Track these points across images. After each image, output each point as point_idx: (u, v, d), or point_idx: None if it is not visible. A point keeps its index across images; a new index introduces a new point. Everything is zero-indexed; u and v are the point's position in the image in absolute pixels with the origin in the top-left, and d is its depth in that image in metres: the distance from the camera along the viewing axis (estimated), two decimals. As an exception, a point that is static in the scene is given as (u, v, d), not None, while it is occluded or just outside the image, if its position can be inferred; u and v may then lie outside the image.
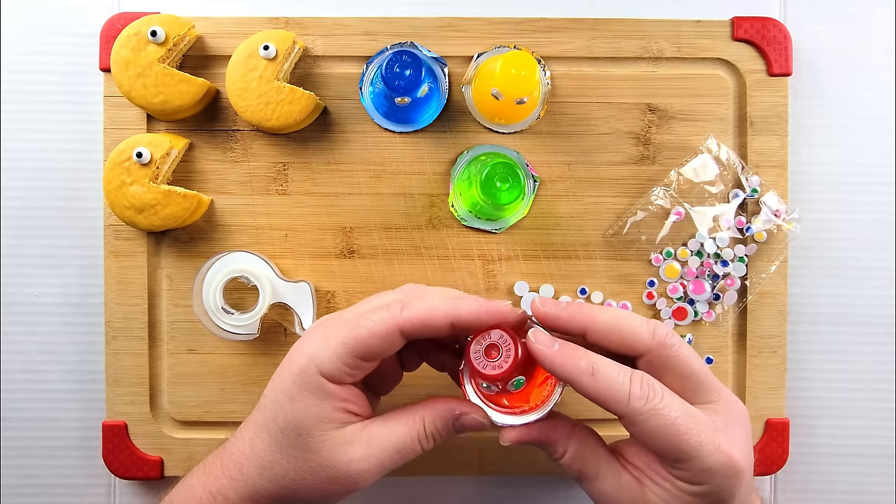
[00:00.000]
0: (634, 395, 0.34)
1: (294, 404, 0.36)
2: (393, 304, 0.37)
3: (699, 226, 0.50)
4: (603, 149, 0.50)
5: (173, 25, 0.46)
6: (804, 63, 0.51)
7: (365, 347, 0.36)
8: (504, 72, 0.44)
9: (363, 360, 0.36)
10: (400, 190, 0.50)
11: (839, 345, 0.52)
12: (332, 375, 0.36)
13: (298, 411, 0.36)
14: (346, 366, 0.36)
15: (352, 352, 0.36)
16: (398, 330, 0.36)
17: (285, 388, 0.37)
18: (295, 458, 0.36)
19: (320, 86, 0.49)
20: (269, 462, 0.37)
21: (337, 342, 0.36)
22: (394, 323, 0.36)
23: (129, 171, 0.46)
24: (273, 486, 0.37)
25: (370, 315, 0.36)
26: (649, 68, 0.50)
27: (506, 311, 0.36)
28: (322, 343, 0.36)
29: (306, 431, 0.36)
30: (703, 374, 0.36)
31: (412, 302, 0.37)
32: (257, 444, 0.37)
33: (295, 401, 0.36)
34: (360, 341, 0.36)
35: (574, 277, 0.50)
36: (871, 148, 0.52)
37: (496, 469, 0.50)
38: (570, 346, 0.35)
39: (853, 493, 0.52)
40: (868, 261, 0.52)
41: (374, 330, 0.36)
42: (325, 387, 0.36)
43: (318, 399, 0.36)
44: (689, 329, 0.50)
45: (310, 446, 0.36)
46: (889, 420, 0.52)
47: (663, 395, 0.34)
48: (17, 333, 0.51)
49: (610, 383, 0.34)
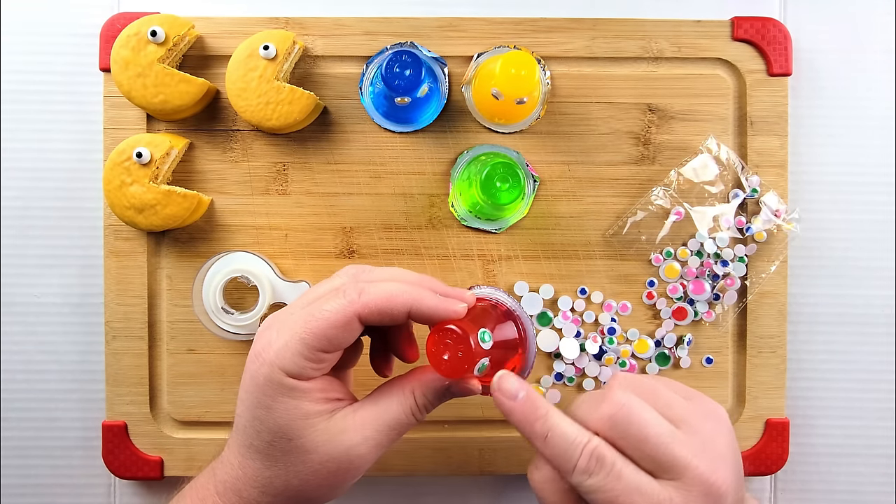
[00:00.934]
0: (579, 468, 0.33)
1: (273, 413, 0.35)
2: (347, 288, 0.36)
3: (699, 226, 0.50)
4: (603, 149, 0.50)
5: (173, 25, 0.46)
6: (804, 63, 0.51)
7: (325, 340, 0.35)
8: (504, 72, 0.44)
9: (325, 352, 0.35)
10: (400, 190, 0.50)
11: (839, 345, 0.52)
12: (300, 374, 0.35)
13: (280, 418, 0.35)
14: (310, 362, 0.35)
15: (313, 347, 0.35)
16: (356, 317, 0.35)
17: (259, 402, 0.36)
18: (293, 464, 0.36)
19: (320, 86, 0.49)
20: (268, 478, 0.36)
21: (295, 340, 0.35)
22: (352, 310, 0.35)
23: (129, 171, 0.46)
24: (280, 499, 0.36)
25: (324, 304, 0.35)
26: (649, 68, 0.50)
27: (462, 310, 0.36)
28: (280, 345, 0.35)
29: (296, 434, 0.35)
30: (658, 452, 0.33)
31: (369, 287, 0.35)
32: (249, 466, 0.37)
33: (273, 410, 0.35)
34: (319, 334, 0.35)
35: (574, 277, 0.50)
36: (870, 148, 0.52)
37: (496, 469, 0.50)
38: (531, 402, 0.35)
39: (853, 493, 0.52)
40: (868, 261, 0.52)
41: (332, 320, 0.35)
42: (298, 386, 0.35)
43: (296, 399, 0.35)
44: (689, 329, 0.50)
45: (305, 447, 0.35)
46: (889, 420, 0.52)
47: (612, 469, 0.33)
48: (17, 333, 0.51)
49: (559, 453, 0.34)
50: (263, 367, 0.35)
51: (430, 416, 0.49)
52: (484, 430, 0.50)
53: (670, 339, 0.50)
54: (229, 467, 0.37)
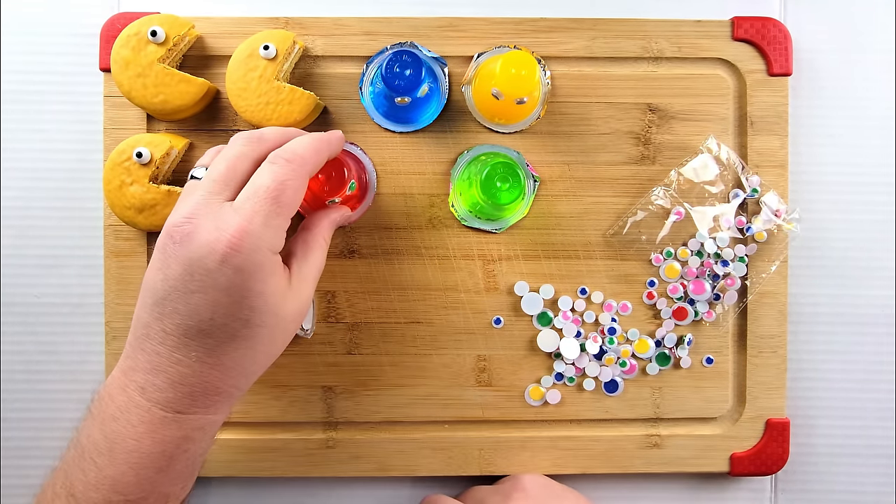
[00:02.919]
0: None
1: (261, 297, 0.37)
2: (280, 159, 0.38)
3: (699, 226, 0.50)
4: (603, 149, 0.50)
5: (173, 25, 0.46)
6: (804, 63, 0.51)
7: (294, 207, 0.38)
8: (504, 72, 0.44)
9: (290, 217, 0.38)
10: (400, 190, 0.50)
11: (839, 345, 0.52)
12: (280, 248, 0.38)
13: (270, 297, 0.37)
14: (285, 233, 0.38)
15: (288, 217, 0.38)
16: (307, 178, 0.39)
17: (240, 290, 0.36)
18: (266, 339, 0.38)
19: (320, 86, 0.49)
20: (226, 365, 0.37)
21: (276, 217, 0.37)
22: (304, 172, 0.39)
23: (129, 171, 0.46)
24: (242, 383, 0.39)
25: (279, 177, 0.37)
26: (649, 68, 0.50)
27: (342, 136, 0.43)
28: (258, 227, 0.36)
29: (279, 307, 0.37)
30: None
31: (297, 151, 0.39)
32: (197, 364, 0.37)
33: (262, 293, 0.37)
34: (292, 204, 0.38)
35: (574, 277, 0.50)
36: (870, 148, 0.52)
37: (496, 469, 0.50)
38: None
39: (853, 493, 0.52)
40: (868, 261, 0.52)
41: (297, 186, 0.38)
42: (280, 261, 0.38)
43: (278, 274, 0.38)
44: (690, 329, 0.50)
45: (284, 316, 0.38)
46: (889, 420, 0.52)
47: None
48: (17, 333, 0.51)
49: None
50: (254, 253, 0.36)
51: (430, 416, 0.50)
52: (484, 430, 0.50)
53: (671, 339, 0.50)
54: (159, 387, 0.37)
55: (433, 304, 0.49)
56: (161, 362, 0.36)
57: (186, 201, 0.38)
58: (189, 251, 0.36)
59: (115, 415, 0.37)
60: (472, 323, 0.50)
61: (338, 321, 0.49)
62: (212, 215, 0.36)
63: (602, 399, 0.50)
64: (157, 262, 0.37)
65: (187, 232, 0.36)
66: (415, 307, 0.49)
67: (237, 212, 0.36)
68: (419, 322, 0.49)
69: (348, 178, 0.45)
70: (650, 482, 0.52)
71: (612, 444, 0.50)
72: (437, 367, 0.50)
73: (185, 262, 0.36)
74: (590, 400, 0.50)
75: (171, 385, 0.36)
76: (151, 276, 0.37)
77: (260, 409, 0.49)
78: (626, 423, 0.50)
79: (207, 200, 0.37)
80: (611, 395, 0.50)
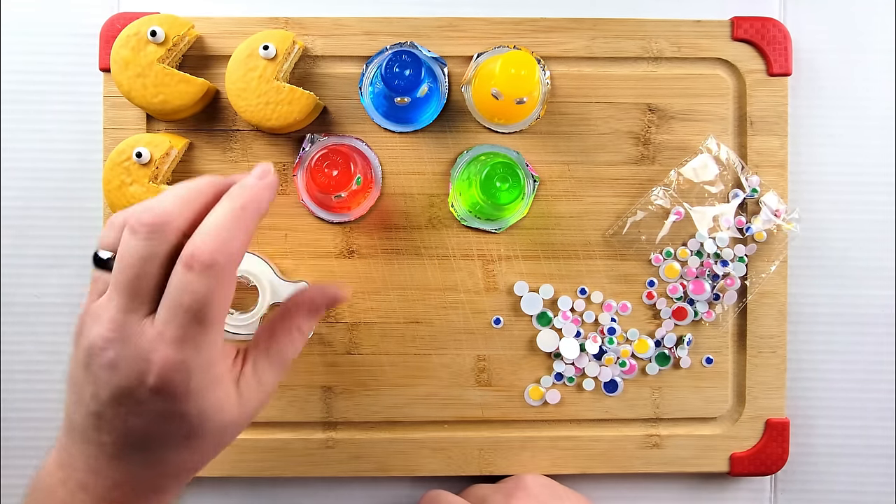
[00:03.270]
0: None
1: (189, 405, 0.33)
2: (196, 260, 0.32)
3: (699, 226, 0.50)
4: (603, 149, 0.50)
5: (173, 25, 0.46)
6: (804, 63, 0.51)
7: (224, 313, 0.33)
8: (504, 72, 0.44)
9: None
10: (400, 190, 0.50)
11: (839, 345, 0.52)
12: (211, 361, 0.33)
13: (194, 408, 0.33)
14: (218, 343, 0.34)
15: (218, 327, 0.33)
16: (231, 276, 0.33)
17: (167, 399, 0.33)
18: (196, 447, 0.34)
19: (320, 86, 0.49)
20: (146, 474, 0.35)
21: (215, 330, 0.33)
22: (225, 275, 0.33)
23: (129, 171, 0.46)
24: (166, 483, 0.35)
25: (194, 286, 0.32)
26: (649, 68, 0.50)
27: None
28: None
29: (209, 416, 0.34)
30: None
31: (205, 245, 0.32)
32: (113, 467, 0.34)
33: (188, 401, 0.33)
34: (219, 317, 0.33)
35: (574, 277, 0.50)
36: (870, 148, 0.52)
37: (496, 469, 0.50)
38: None
39: (853, 494, 0.52)
40: (868, 261, 0.52)
41: (224, 293, 0.33)
42: (221, 368, 0.34)
43: (218, 383, 0.34)
44: (689, 329, 0.50)
45: (218, 424, 0.34)
46: (889, 420, 0.52)
47: None
48: (17, 333, 0.51)
49: None
50: (186, 380, 0.32)
51: (430, 416, 0.50)
52: (484, 430, 0.50)
53: (670, 339, 0.50)
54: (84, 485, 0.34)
55: (433, 304, 0.49)
56: (101, 466, 0.34)
57: (101, 315, 0.33)
58: (116, 380, 0.32)
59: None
60: (472, 323, 0.50)
61: (337, 321, 0.49)
62: (132, 341, 0.32)
63: (602, 399, 0.50)
64: (82, 373, 0.34)
65: (110, 360, 0.32)
66: (414, 307, 0.49)
67: (160, 337, 0.32)
68: (419, 322, 0.49)
69: (354, 173, 0.45)
70: (650, 482, 0.52)
71: (612, 444, 0.50)
72: (437, 367, 0.50)
73: (114, 391, 0.33)
74: (589, 400, 0.50)
75: (115, 485, 0.34)
76: (80, 387, 0.34)
77: (260, 408, 0.49)
78: (625, 423, 0.50)
79: (123, 320, 0.33)
80: (610, 395, 0.50)
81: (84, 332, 0.34)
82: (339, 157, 0.45)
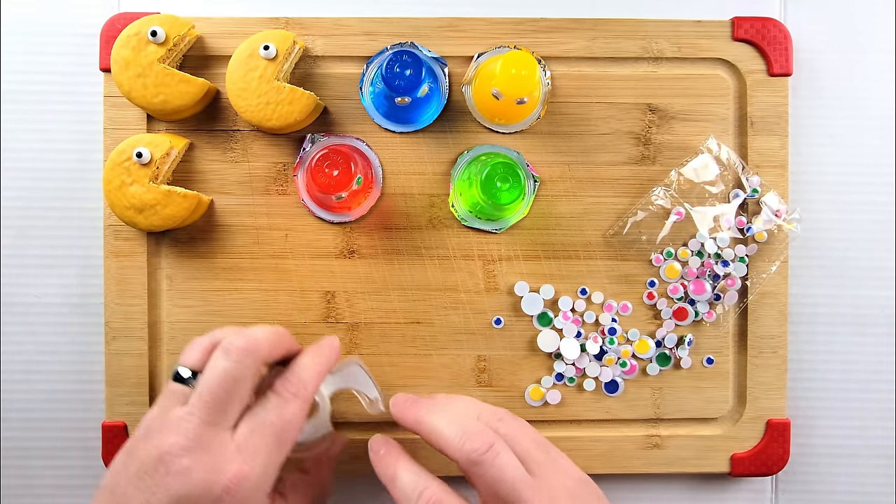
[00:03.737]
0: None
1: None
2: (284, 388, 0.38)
3: (700, 226, 0.50)
4: (603, 149, 0.50)
5: (173, 25, 0.46)
6: (804, 63, 0.51)
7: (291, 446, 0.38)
8: (504, 72, 0.44)
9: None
10: (400, 190, 0.50)
11: (839, 345, 0.52)
12: (269, 486, 0.37)
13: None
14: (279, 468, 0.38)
15: (287, 452, 0.38)
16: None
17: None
18: None
19: (320, 86, 0.49)
20: None
21: (274, 461, 0.37)
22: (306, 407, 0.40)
23: (129, 171, 0.46)
24: None
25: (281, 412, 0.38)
26: (649, 68, 0.50)
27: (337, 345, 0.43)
28: (259, 472, 0.36)
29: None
30: (510, 495, 0.37)
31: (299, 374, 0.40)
32: None
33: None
34: (289, 444, 0.38)
35: (574, 277, 0.50)
36: (870, 148, 0.52)
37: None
38: (389, 455, 0.41)
39: (854, 494, 0.52)
40: (868, 261, 0.52)
41: (297, 425, 0.38)
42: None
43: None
44: (690, 329, 0.50)
45: None
46: (889, 420, 0.52)
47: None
48: (17, 333, 0.51)
49: (401, 493, 0.39)
50: (248, 498, 0.35)
51: (431, 416, 0.49)
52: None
53: (671, 340, 0.50)
54: None
55: (433, 305, 0.49)
56: None
57: (181, 425, 0.36)
58: (185, 488, 0.34)
59: None
60: (473, 323, 0.50)
61: (338, 321, 0.49)
62: (211, 451, 0.35)
63: (602, 399, 0.50)
64: (137, 480, 0.35)
65: (184, 468, 0.34)
66: (415, 307, 0.49)
67: (239, 451, 0.36)
68: (419, 322, 0.49)
69: (355, 173, 0.45)
70: (650, 482, 0.51)
71: (613, 445, 0.50)
72: (437, 368, 0.50)
73: (175, 498, 0.34)
74: (590, 400, 0.50)
75: None
76: (127, 494, 0.35)
77: (260, 409, 0.49)
78: (626, 423, 0.50)
79: (204, 431, 0.35)
80: (611, 395, 0.50)
81: (152, 439, 0.36)
82: (339, 157, 0.45)
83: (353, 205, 0.48)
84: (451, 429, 0.39)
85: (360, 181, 0.46)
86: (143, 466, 0.35)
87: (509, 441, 0.39)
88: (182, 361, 0.39)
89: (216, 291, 0.49)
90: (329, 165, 0.45)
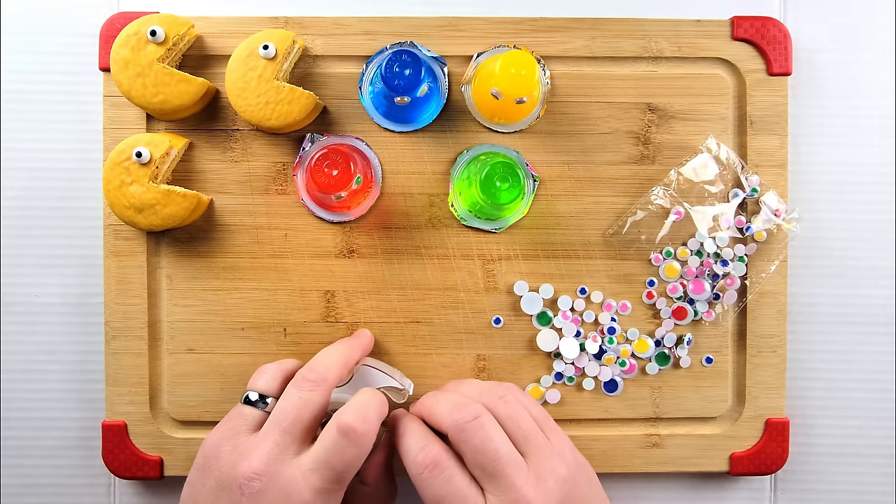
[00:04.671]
0: (416, 463, 0.39)
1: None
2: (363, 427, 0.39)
3: (699, 225, 0.50)
4: (603, 148, 0.50)
5: (173, 25, 0.46)
6: (804, 63, 0.51)
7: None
8: (504, 71, 0.44)
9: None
10: (399, 190, 0.50)
11: (839, 345, 0.52)
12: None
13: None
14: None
15: (345, 486, 0.40)
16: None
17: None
18: None
19: (320, 85, 0.49)
20: None
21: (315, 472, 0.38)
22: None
23: (129, 170, 0.46)
24: None
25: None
26: (649, 68, 0.50)
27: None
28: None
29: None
30: (492, 467, 0.38)
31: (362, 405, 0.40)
32: None
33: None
34: (350, 478, 0.39)
35: (574, 277, 0.50)
36: (870, 148, 0.52)
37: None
38: (403, 419, 0.42)
39: (853, 493, 0.52)
40: (868, 261, 0.52)
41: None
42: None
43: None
44: (689, 329, 0.50)
45: None
46: (889, 420, 0.52)
47: (445, 470, 0.39)
48: (17, 333, 0.51)
49: (405, 450, 0.40)
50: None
51: (430, 415, 0.50)
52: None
53: (670, 339, 0.50)
54: None
55: (433, 304, 0.49)
56: None
57: (256, 450, 0.39)
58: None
59: None
60: (472, 322, 0.50)
61: (337, 321, 0.49)
62: (281, 477, 0.38)
63: (601, 399, 0.50)
64: (215, 495, 0.39)
65: (257, 490, 0.38)
66: (414, 307, 0.49)
67: (305, 481, 0.38)
68: (419, 322, 0.50)
69: (354, 173, 0.45)
70: (650, 482, 0.52)
71: (612, 444, 0.50)
72: (437, 367, 0.50)
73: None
74: (589, 399, 0.50)
75: None
76: (211, 499, 0.39)
77: (260, 408, 0.49)
78: (625, 422, 0.50)
79: (278, 456, 0.39)
80: (610, 394, 0.50)
81: (226, 460, 0.39)
82: (339, 156, 0.45)
83: (353, 204, 0.48)
84: (444, 403, 0.41)
85: (360, 181, 0.46)
86: (221, 484, 0.39)
87: (509, 420, 0.40)
88: (250, 386, 0.43)
89: (216, 291, 0.49)
90: (328, 165, 0.45)
